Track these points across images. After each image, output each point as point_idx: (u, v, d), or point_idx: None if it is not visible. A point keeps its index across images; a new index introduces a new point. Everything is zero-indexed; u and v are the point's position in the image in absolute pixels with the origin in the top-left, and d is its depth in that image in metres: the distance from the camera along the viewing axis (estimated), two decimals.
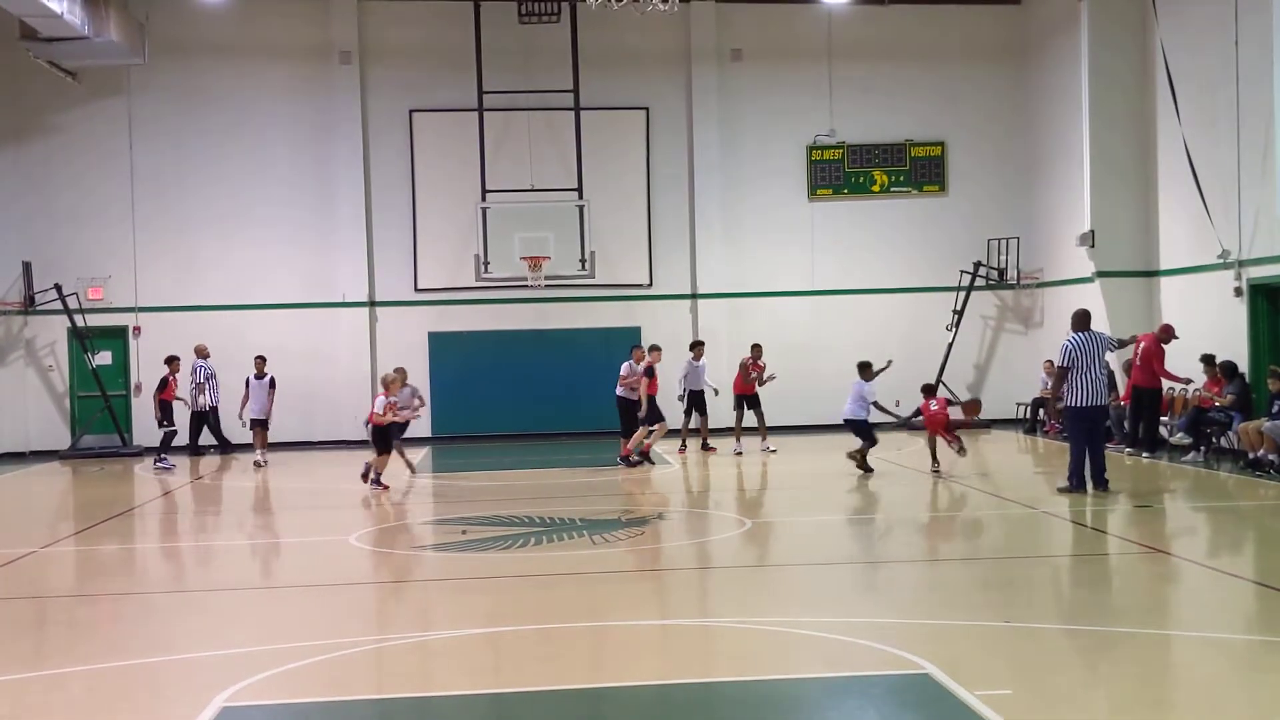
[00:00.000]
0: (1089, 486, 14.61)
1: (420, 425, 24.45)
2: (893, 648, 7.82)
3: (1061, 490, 14.75)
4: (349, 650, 8.29)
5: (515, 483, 17.72)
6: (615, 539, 12.59)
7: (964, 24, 25.54)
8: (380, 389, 17.47)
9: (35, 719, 7.05)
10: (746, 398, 21.04)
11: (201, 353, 21.55)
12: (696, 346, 21.35)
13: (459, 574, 11.14)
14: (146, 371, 24.07)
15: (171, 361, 21.01)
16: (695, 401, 21.17)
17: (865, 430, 17.44)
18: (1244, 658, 7.85)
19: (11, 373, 24.03)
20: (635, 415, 19.29)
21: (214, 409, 21.68)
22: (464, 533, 13.06)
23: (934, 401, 17.44)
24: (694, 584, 10.91)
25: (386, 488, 16.67)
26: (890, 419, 18.51)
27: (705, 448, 21.25)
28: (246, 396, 21.00)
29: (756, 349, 21.34)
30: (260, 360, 21.20)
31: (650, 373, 19.31)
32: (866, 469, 17.28)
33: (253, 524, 15.47)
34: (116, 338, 24.33)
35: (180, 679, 7.79)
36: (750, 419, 21.08)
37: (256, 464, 20.61)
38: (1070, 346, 14.52)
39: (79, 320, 23.63)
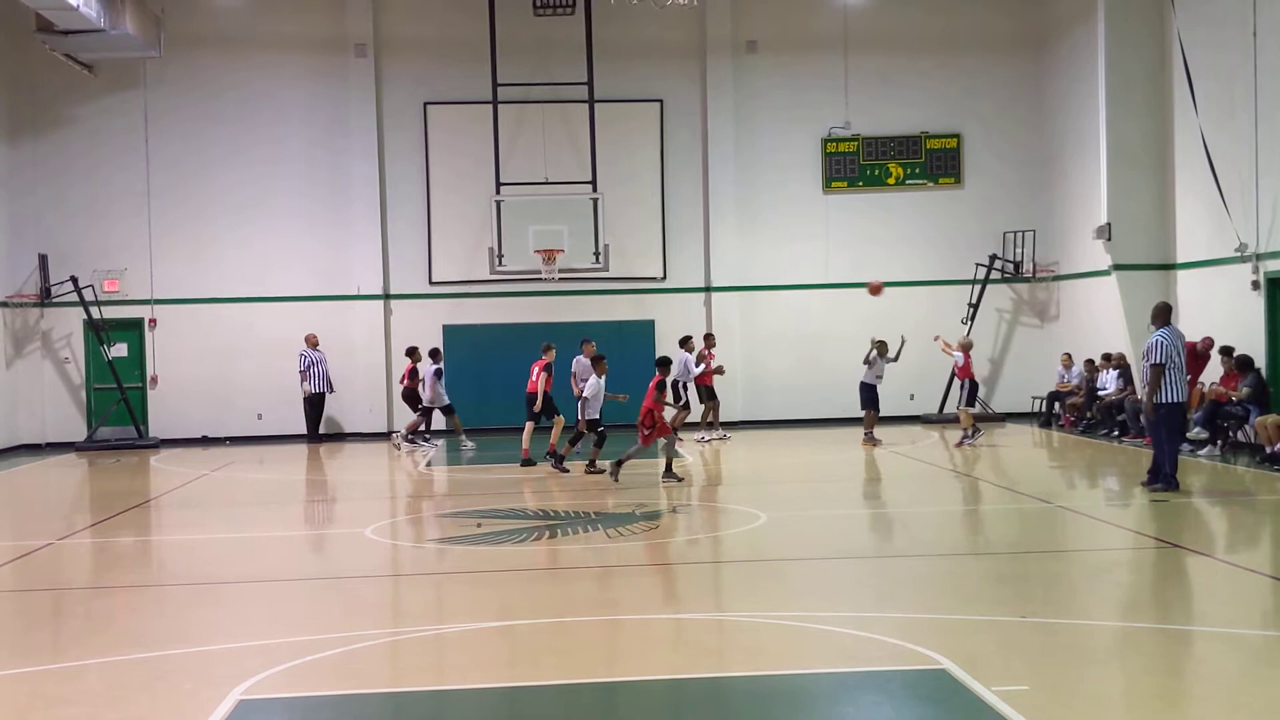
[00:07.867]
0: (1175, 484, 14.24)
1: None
2: (908, 643, 7.80)
3: (1150, 487, 14.28)
4: (364, 643, 8.32)
5: (529, 476, 17.71)
6: (629, 533, 12.59)
7: (980, 16, 25.41)
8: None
9: (53, 710, 7.07)
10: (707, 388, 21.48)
11: (310, 342, 23.48)
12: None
13: (473, 567, 11.15)
14: (162, 364, 24.22)
15: (412, 353, 22.18)
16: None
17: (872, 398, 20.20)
18: (1261, 653, 7.82)
19: (28, 365, 24.10)
20: None
21: (320, 396, 23.46)
22: (479, 526, 13.09)
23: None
24: (708, 578, 10.91)
25: None
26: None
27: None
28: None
29: (709, 339, 22.03)
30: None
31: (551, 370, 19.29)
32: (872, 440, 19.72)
33: (268, 516, 15.49)
34: (132, 330, 24.38)
35: (196, 671, 7.82)
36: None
37: (464, 446, 21.44)
38: (1164, 342, 14.13)
39: (95, 312, 23.68)
